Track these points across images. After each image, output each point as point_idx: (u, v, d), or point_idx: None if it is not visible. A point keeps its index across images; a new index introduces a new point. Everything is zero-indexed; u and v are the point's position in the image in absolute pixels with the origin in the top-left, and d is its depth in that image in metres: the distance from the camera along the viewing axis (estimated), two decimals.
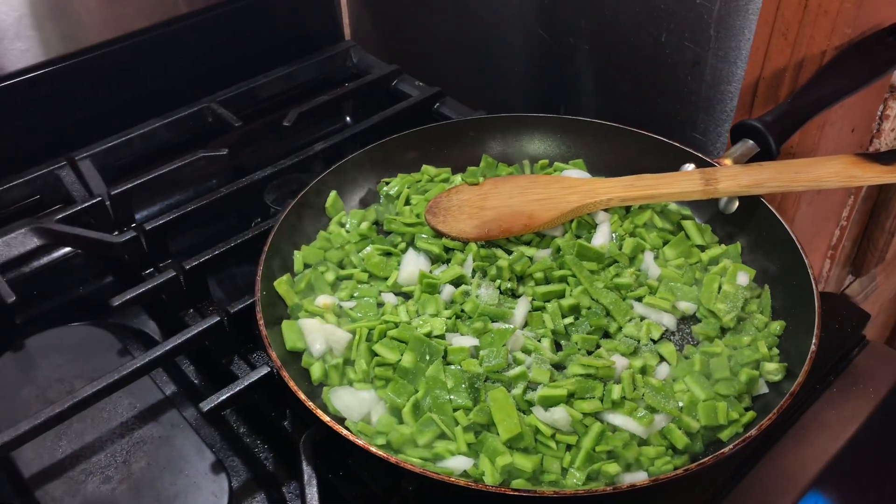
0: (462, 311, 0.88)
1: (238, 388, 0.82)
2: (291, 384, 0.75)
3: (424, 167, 1.08)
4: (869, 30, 1.03)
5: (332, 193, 1.02)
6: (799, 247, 0.88)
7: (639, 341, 0.86)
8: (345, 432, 0.72)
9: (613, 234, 0.96)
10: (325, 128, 1.32)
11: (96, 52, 1.17)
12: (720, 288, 0.89)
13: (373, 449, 0.70)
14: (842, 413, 0.88)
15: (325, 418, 0.73)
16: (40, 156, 1.14)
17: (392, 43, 1.59)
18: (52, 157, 1.14)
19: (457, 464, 0.74)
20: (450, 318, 0.86)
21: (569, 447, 0.76)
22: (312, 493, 0.75)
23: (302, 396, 0.74)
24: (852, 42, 1.02)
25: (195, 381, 0.95)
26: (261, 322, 0.82)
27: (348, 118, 1.34)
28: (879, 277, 1.55)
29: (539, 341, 0.85)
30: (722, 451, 0.70)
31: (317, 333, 0.84)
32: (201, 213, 1.05)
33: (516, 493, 0.68)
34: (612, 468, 0.73)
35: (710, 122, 1.18)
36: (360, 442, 0.71)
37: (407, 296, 0.92)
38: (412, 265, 0.93)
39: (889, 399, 0.90)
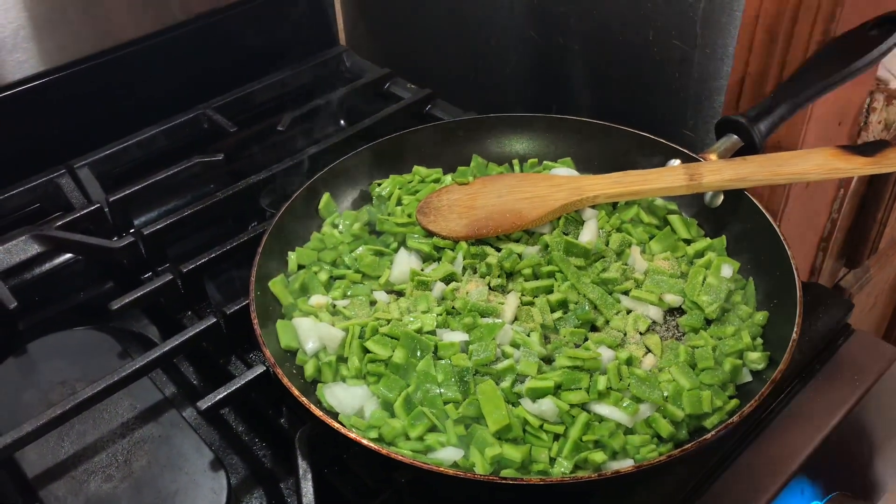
0: (452, 307, 0.90)
1: (235, 387, 0.84)
2: (285, 381, 0.77)
3: (416, 168, 1.09)
4: (852, 24, 1.04)
5: (326, 195, 1.04)
6: (781, 238, 0.89)
7: (625, 334, 0.87)
8: (337, 426, 0.74)
9: (600, 230, 0.98)
10: (321, 131, 1.34)
11: (93, 61, 1.19)
12: (704, 280, 0.90)
13: (364, 441, 0.72)
14: (828, 401, 0.89)
15: (318, 412, 0.74)
16: (40, 165, 1.16)
17: (387, 48, 1.61)
18: (51, 166, 1.17)
19: (447, 455, 0.75)
20: (440, 315, 0.88)
21: (556, 437, 0.77)
22: (308, 488, 0.77)
23: (296, 392, 0.76)
24: (835, 36, 1.03)
25: (194, 382, 0.97)
26: (255, 322, 0.84)
27: (342, 121, 1.36)
28: (873, 269, 1.56)
29: (528, 335, 0.86)
30: (704, 437, 0.72)
31: (310, 332, 0.86)
32: (198, 218, 1.07)
33: (504, 482, 0.69)
34: (599, 456, 0.74)
35: (700, 118, 1.19)
36: (352, 435, 0.73)
37: (399, 294, 0.94)
38: (404, 264, 0.95)
39: (875, 387, 0.91)
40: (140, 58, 1.24)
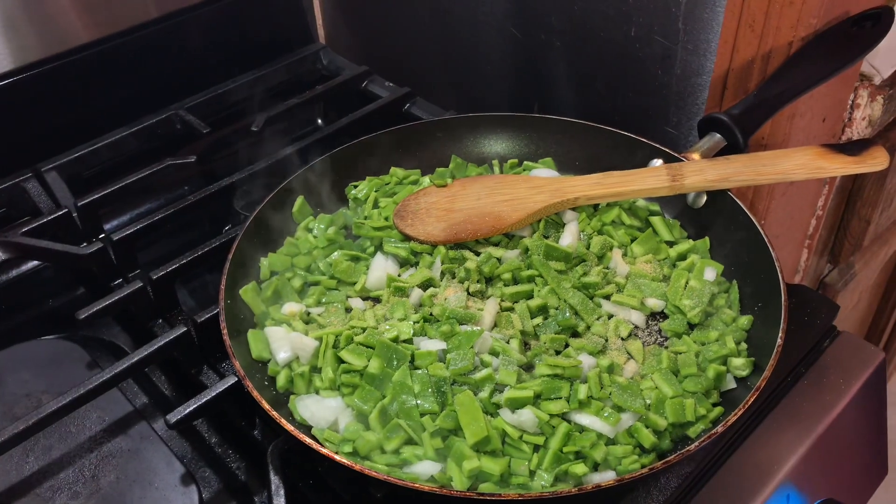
0: (430, 314, 0.87)
1: (205, 399, 0.81)
2: (255, 394, 0.75)
3: (393, 169, 1.07)
4: (835, 20, 1.03)
5: (300, 198, 1.01)
6: (766, 240, 0.88)
7: (607, 339, 0.85)
8: (308, 441, 0.71)
9: (581, 233, 0.96)
10: (297, 131, 1.31)
11: (61, 60, 1.15)
12: (687, 284, 0.88)
13: (337, 457, 0.70)
14: (814, 405, 0.88)
15: (289, 427, 0.72)
16: (5, 168, 1.13)
17: (367, 45, 1.58)
18: (17, 169, 1.13)
19: (424, 469, 0.73)
20: (418, 322, 0.85)
21: (536, 448, 0.75)
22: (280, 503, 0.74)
23: (266, 406, 0.73)
24: (818, 33, 1.02)
25: (166, 392, 0.94)
26: (224, 332, 0.81)
27: (319, 121, 1.33)
28: (858, 265, 1.55)
29: (508, 342, 0.84)
30: (688, 448, 0.70)
31: (282, 341, 0.84)
32: (170, 222, 1.04)
33: (481, 498, 0.67)
34: (580, 469, 0.72)
35: (683, 115, 1.17)
36: (324, 450, 0.71)
37: (376, 300, 0.92)
38: (380, 269, 0.93)
39: (861, 390, 0.89)
40: (111, 56, 1.20)
